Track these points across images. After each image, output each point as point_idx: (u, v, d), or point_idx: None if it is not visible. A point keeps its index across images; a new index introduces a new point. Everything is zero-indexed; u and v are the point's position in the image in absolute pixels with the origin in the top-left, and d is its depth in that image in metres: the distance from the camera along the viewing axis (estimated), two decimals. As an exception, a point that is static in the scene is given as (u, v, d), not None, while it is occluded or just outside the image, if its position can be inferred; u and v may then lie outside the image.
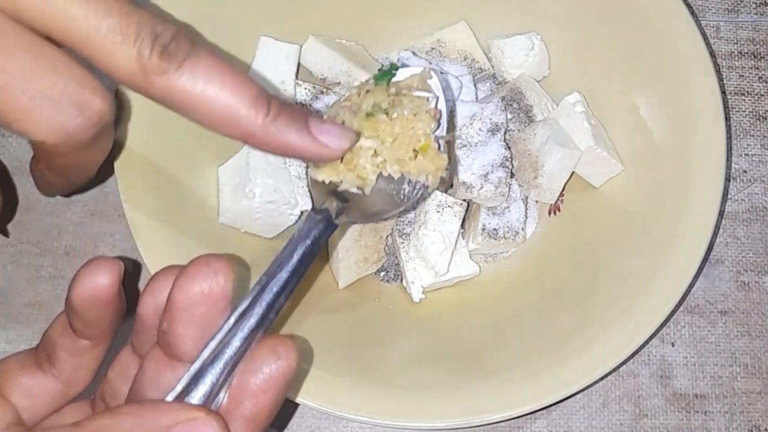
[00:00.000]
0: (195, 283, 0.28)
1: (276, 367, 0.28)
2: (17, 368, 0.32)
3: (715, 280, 0.51)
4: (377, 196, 0.37)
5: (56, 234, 0.50)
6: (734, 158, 0.54)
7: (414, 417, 0.40)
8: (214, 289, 0.28)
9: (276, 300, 0.30)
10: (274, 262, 0.32)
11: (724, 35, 0.56)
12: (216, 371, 0.28)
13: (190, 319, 0.28)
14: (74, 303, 0.30)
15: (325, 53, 0.50)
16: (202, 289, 0.28)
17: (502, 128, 0.47)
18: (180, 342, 0.28)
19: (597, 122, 0.48)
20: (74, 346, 0.31)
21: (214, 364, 0.28)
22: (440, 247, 0.46)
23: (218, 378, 0.28)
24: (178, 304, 0.28)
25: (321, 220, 0.35)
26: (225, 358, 0.28)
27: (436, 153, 0.37)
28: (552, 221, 0.50)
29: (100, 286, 0.29)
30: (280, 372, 0.28)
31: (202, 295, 0.28)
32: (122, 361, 0.32)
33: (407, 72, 0.40)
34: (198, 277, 0.28)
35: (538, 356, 0.42)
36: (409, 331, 0.46)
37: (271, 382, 0.28)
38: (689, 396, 0.49)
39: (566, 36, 0.50)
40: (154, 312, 0.29)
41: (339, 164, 0.37)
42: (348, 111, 0.38)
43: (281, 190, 0.46)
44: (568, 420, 0.48)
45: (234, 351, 0.28)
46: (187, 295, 0.28)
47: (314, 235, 0.34)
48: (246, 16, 0.49)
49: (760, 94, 0.55)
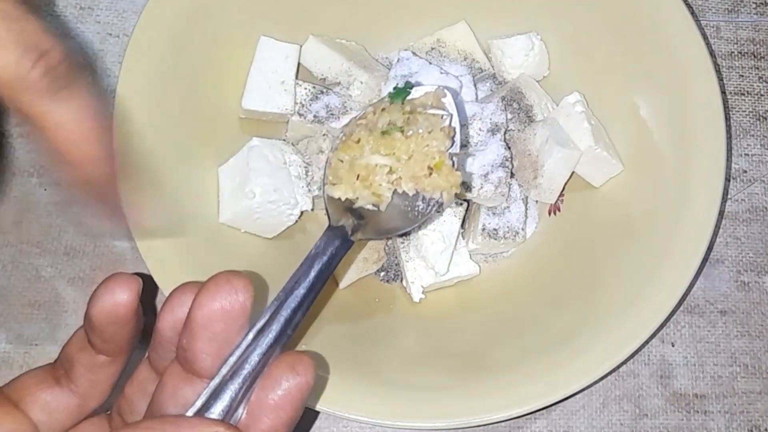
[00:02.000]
0: (215, 300, 0.28)
1: (294, 384, 0.28)
2: (35, 383, 0.32)
3: (715, 280, 0.51)
4: (392, 212, 0.38)
5: (56, 234, 0.50)
6: (734, 158, 0.54)
7: (414, 417, 0.40)
8: (233, 306, 0.28)
9: (293, 316, 0.31)
10: (291, 278, 0.32)
11: (724, 35, 0.56)
12: (235, 387, 0.28)
13: (209, 335, 0.28)
14: (93, 319, 0.30)
15: (325, 53, 0.50)
16: (222, 306, 0.28)
17: (502, 128, 0.47)
18: (199, 358, 0.28)
19: (597, 122, 0.48)
20: (92, 362, 0.31)
21: (233, 380, 0.28)
22: (440, 247, 0.46)
23: (237, 394, 0.28)
24: (198, 321, 0.28)
25: (337, 236, 0.35)
26: (244, 373, 0.28)
27: (450, 170, 0.38)
28: (552, 221, 0.50)
29: (120, 302, 0.29)
30: (298, 388, 0.29)
31: (222, 312, 0.28)
32: (140, 377, 0.33)
33: (422, 90, 0.40)
34: (218, 294, 0.28)
35: (538, 356, 0.42)
36: (409, 331, 0.46)
37: (289, 398, 0.28)
38: (689, 396, 0.49)
39: (566, 36, 0.50)
40: (172, 327, 0.29)
41: (355, 181, 0.37)
42: (364, 129, 0.39)
43: (281, 190, 0.46)
44: (568, 420, 0.48)
45: (252, 367, 0.29)
46: (207, 312, 0.28)
47: (330, 252, 0.34)
48: (246, 16, 0.49)
49: (760, 94, 0.55)
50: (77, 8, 0.55)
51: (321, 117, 0.49)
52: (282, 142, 0.48)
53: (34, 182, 0.51)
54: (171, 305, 0.30)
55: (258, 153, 0.46)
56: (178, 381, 0.29)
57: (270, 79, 0.48)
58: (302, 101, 0.49)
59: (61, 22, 0.54)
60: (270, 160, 0.46)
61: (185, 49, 0.46)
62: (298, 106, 0.49)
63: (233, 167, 0.46)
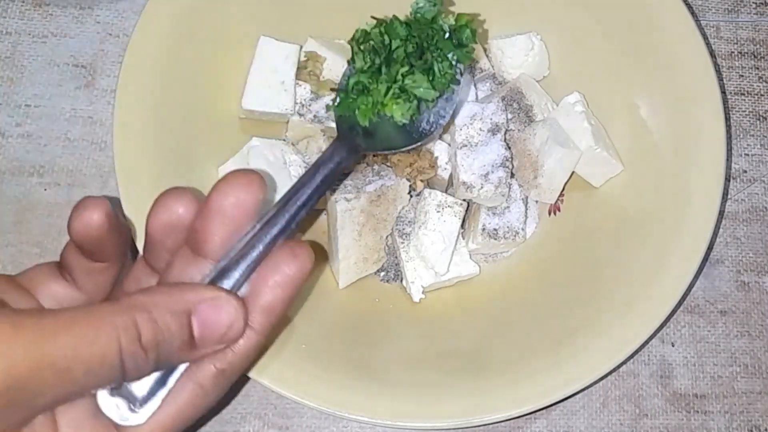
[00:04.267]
0: (233, 189, 0.31)
1: (295, 265, 0.31)
2: (46, 274, 0.34)
3: (715, 280, 0.51)
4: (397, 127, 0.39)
5: (56, 234, 0.50)
6: (734, 158, 0.54)
7: (414, 417, 0.40)
8: (248, 197, 0.31)
9: (298, 212, 0.33)
10: (299, 180, 0.35)
11: (724, 35, 0.56)
12: (240, 269, 0.31)
13: (222, 220, 0.31)
14: (73, 238, 0.32)
15: (325, 54, 0.50)
16: (238, 196, 0.31)
17: (502, 128, 0.47)
18: (210, 239, 0.31)
19: (597, 122, 0.48)
20: (89, 267, 0.34)
21: (238, 264, 0.31)
22: (440, 247, 0.46)
23: (241, 275, 0.31)
24: (215, 206, 0.31)
25: (345, 146, 0.37)
26: (249, 258, 0.31)
27: None
28: (552, 221, 0.50)
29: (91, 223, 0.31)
30: (298, 269, 0.31)
31: (237, 200, 0.31)
32: (136, 273, 0.35)
33: None
34: (237, 184, 0.31)
35: (538, 356, 0.42)
36: (409, 331, 0.46)
37: (288, 278, 0.31)
38: (689, 396, 0.49)
39: (566, 36, 0.50)
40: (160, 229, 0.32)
41: None
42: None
43: (281, 190, 0.45)
44: (568, 420, 0.48)
45: (257, 253, 0.31)
46: (223, 199, 0.31)
47: (337, 160, 0.36)
48: (246, 16, 0.49)
49: (760, 94, 0.55)
50: (77, 8, 0.55)
51: (321, 117, 0.49)
52: (282, 142, 0.48)
53: (34, 182, 0.51)
54: (156, 210, 0.32)
55: (258, 153, 0.46)
56: (187, 261, 0.32)
57: (270, 79, 0.48)
58: (302, 101, 0.49)
59: (61, 22, 0.55)
60: (270, 160, 0.46)
61: (185, 49, 0.46)
62: (298, 106, 0.49)
63: (233, 167, 0.46)
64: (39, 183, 0.51)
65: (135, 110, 0.44)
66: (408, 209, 0.48)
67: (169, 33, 0.46)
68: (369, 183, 0.47)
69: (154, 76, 0.45)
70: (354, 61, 0.40)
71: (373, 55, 0.39)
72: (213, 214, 0.31)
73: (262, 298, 0.31)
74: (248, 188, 0.31)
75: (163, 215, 0.32)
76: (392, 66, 0.38)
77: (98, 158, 0.52)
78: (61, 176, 0.51)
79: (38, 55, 0.54)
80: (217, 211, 0.31)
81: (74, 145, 0.52)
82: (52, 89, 0.53)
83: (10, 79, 0.53)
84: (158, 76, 0.45)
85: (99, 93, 0.53)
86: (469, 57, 0.40)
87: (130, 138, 0.44)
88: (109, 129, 0.52)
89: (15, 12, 0.54)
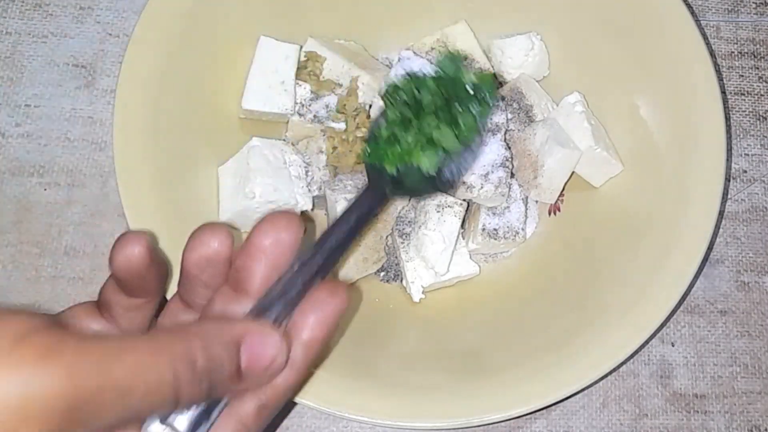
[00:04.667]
0: (274, 229, 0.32)
1: (333, 304, 0.32)
2: (85, 313, 0.34)
3: (715, 280, 0.51)
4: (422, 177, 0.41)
5: (56, 234, 0.50)
6: (734, 158, 0.54)
7: (414, 417, 0.40)
8: (288, 236, 0.32)
9: (333, 254, 0.35)
10: (335, 222, 0.36)
11: (724, 35, 0.56)
12: (280, 307, 0.32)
13: (263, 259, 0.32)
14: (115, 273, 0.33)
15: (325, 54, 0.50)
16: (279, 236, 0.32)
17: (502, 128, 0.47)
18: (251, 277, 0.32)
19: (597, 122, 0.48)
20: (128, 303, 0.34)
21: (279, 301, 0.32)
22: (440, 247, 0.46)
23: (281, 313, 0.32)
24: (256, 245, 0.32)
25: (375, 192, 0.39)
26: (288, 297, 0.32)
27: None
28: (552, 221, 0.50)
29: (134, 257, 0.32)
30: (336, 308, 0.33)
31: (277, 240, 0.32)
32: (172, 309, 0.35)
33: None
34: (278, 224, 0.32)
35: (538, 356, 0.42)
36: (409, 331, 0.46)
37: (327, 316, 0.32)
38: (689, 396, 0.49)
39: (566, 36, 0.50)
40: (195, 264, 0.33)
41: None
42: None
43: (281, 190, 0.46)
44: (568, 420, 0.48)
45: (297, 291, 0.32)
46: (265, 239, 0.32)
47: (369, 205, 0.38)
48: (246, 16, 0.49)
49: (760, 94, 0.55)
50: (77, 8, 0.55)
51: (321, 117, 0.49)
52: (282, 142, 0.48)
53: (34, 182, 0.51)
54: (192, 245, 0.33)
55: (258, 153, 0.46)
56: (227, 300, 0.33)
57: (270, 79, 0.48)
58: (302, 101, 0.49)
59: (61, 22, 0.55)
60: (270, 160, 0.46)
61: (185, 49, 0.46)
62: (298, 106, 0.49)
63: (233, 167, 0.46)
64: (39, 183, 0.51)
65: (135, 110, 0.44)
66: (408, 209, 0.48)
67: (169, 33, 0.46)
68: (369, 183, 0.47)
69: (154, 76, 0.45)
70: (386, 114, 0.41)
71: (404, 108, 0.41)
72: (255, 253, 0.32)
73: (302, 334, 0.32)
74: (288, 228, 0.32)
75: (200, 250, 0.33)
76: (422, 118, 0.40)
77: (98, 158, 0.52)
78: (61, 176, 0.51)
79: (38, 55, 0.54)
80: (259, 250, 0.32)
81: (74, 145, 0.52)
82: (52, 89, 0.53)
83: (10, 79, 0.53)
84: (158, 76, 0.45)
85: (99, 93, 0.53)
86: (487, 113, 0.41)
87: (130, 138, 0.43)
88: (109, 129, 0.52)
89: (15, 12, 0.54)
